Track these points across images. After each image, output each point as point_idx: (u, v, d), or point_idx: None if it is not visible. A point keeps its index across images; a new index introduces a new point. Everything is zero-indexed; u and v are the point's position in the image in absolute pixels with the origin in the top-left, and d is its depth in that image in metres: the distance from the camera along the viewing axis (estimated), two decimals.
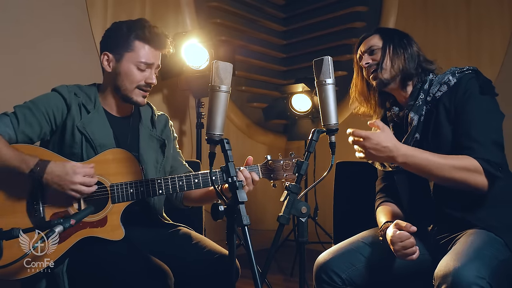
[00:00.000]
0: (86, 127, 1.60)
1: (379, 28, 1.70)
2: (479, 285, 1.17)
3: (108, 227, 1.53)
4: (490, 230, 1.38)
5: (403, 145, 1.43)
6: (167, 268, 1.48)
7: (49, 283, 1.48)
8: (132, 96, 1.65)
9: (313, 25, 4.36)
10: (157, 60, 1.67)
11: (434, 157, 1.40)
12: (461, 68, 1.53)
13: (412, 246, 1.38)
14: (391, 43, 1.60)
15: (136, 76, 1.63)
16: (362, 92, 1.70)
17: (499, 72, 3.16)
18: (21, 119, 1.54)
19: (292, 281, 3.18)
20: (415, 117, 1.54)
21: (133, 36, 1.62)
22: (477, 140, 1.41)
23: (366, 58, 1.63)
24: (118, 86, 1.65)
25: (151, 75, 1.66)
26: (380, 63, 1.59)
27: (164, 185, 1.59)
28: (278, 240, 1.37)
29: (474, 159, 1.38)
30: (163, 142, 1.77)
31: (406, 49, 1.59)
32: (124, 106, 1.72)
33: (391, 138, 1.41)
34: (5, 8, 2.59)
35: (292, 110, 3.63)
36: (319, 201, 3.57)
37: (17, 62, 2.62)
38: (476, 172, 1.38)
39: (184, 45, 3.09)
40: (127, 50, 1.62)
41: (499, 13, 3.22)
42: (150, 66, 1.65)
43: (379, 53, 1.60)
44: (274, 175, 1.66)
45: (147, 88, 1.67)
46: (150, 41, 1.63)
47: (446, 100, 1.49)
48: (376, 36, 1.64)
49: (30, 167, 1.44)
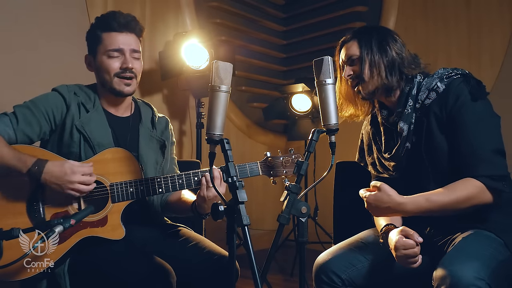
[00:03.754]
0: (85, 126, 1.60)
1: (357, 31, 1.59)
2: (478, 286, 1.16)
3: (108, 226, 1.53)
4: (489, 230, 1.38)
5: (404, 200, 1.39)
6: (169, 267, 1.47)
7: (50, 283, 1.48)
8: (115, 86, 1.64)
9: (313, 25, 4.35)
10: (127, 44, 1.64)
11: (437, 197, 1.38)
12: (449, 71, 1.48)
13: (415, 256, 1.36)
14: (369, 52, 1.51)
15: (110, 65, 1.63)
16: (348, 96, 1.65)
17: (499, 72, 3.15)
18: (21, 119, 1.54)
19: (292, 281, 3.18)
20: (405, 127, 1.50)
21: (99, 30, 1.64)
22: (476, 156, 1.38)
23: (347, 70, 1.57)
24: (102, 82, 1.66)
25: (126, 60, 1.63)
26: (360, 76, 1.53)
27: (164, 184, 1.59)
28: (278, 240, 1.36)
29: (476, 180, 1.36)
30: (163, 143, 1.77)
31: (386, 55, 1.51)
32: (122, 105, 1.72)
33: (389, 197, 1.39)
34: (5, 8, 2.59)
35: (292, 110, 3.63)
36: (319, 201, 3.57)
37: (17, 62, 2.62)
38: (481, 192, 1.36)
39: (184, 45, 3.09)
40: (98, 44, 1.64)
41: (499, 13, 3.22)
42: (120, 51, 1.63)
43: (358, 63, 1.54)
44: (274, 172, 1.67)
45: (126, 74, 1.64)
46: (114, 28, 1.63)
47: (436, 108, 1.46)
48: (355, 43, 1.56)
49: (28, 166, 1.43)
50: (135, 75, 1.66)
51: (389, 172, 1.59)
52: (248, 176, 1.66)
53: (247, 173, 1.66)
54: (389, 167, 1.58)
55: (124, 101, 1.72)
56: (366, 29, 1.61)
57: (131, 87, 1.66)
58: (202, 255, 1.59)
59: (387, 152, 1.58)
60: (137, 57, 1.67)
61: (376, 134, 1.67)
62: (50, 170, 1.44)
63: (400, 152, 1.53)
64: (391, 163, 1.56)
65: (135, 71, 1.65)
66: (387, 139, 1.61)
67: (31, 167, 1.43)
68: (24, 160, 1.44)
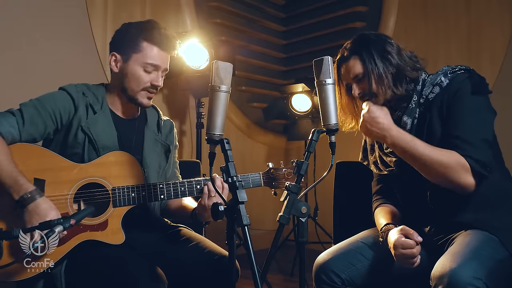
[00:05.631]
0: (91, 128, 1.58)
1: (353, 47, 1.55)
2: (475, 286, 1.17)
3: (108, 230, 1.52)
4: (487, 230, 1.38)
5: (397, 128, 1.44)
6: (161, 272, 1.46)
7: (46, 284, 1.47)
8: (138, 97, 1.64)
9: (313, 25, 4.35)
10: (164, 63, 1.65)
11: (423, 148, 1.40)
12: (453, 67, 1.51)
13: (414, 257, 1.37)
14: (373, 66, 1.49)
15: (142, 77, 1.62)
16: (348, 108, 1.63)
17: (499, 72, 3.16)
18: (27, 119, 1.51)
19: (292, 281, 3.18)
20: (408, 121, 1.52)
21: (141, 37, 1.61)
22: (465, 139, 1.39)
23: (356, 88, 1.55)
24: (124, 87, 1.64)
25: (158, 78, 1.64)
26: (370, 92, 1.51)
27: (166, 190, 1.58)
28: (278, 240, 1.37)
29: (463, 158, 1.37)
30: (167, 148, 1.76)
31: (390, 63, 1.50)
32: (130, 107, 1.71)
33: (389, 118, 1.44)
34: (5, 7, 2.59)
35: (292, 110, 3.63)
36: (319, 201, 3.57)
37: (18, 62, 2.62)
38: (463, 169, 1.36)
39: (184, 45, 3.09)
40: (135, 51, 1.61)
41: (499, 13, 3.22)
42: (157, 68, 1.63)
43: (365, 80, 1.52)
44: (276, 184, 1.67)
45: (153, 90, 1.65)
46: (158, 43, 1.61)
47: (438, 101, 1.48)
48: (356, 61, 1.52)
49: (22, 192, 1.39)
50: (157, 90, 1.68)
51: (389, 168, 1.59)
52: (250, 187, 1.67)
53: (249, 183, 1.67)
54: (390, 163, 1.58)
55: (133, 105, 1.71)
56: (362, 42, 1.55)
57: (151, 101, 1.69)
58: (202, 255, 1.59)
59: (389, 148, 1.59)
60: (164, 75, 1.68)
61: None
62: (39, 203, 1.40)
63: None
64: (393, 158, 1.57)
65: (159, 87, 1.67)
66: None
67: (25, 194, 1.39)
68: (20, 184, 1.40)
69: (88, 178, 1.54)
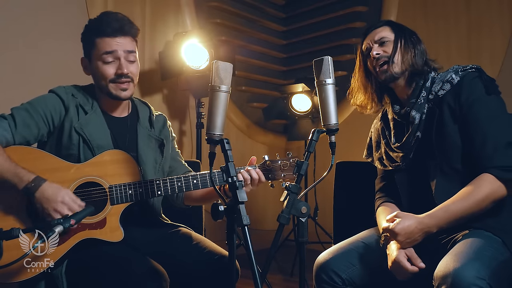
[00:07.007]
0: (84, 128, 1.59)
1: (390, 20, 1.68)
2: (479, 286, 1.16)
3: (107, 228, 1.52)
4: (490, 230, 1.38)
5: (424, 218, 1.41)
6: (162, 270, 1.47)
7: (48, 285, 1.47)
8: (111, 91, 1.62)
9: (313, 25, 4.36)
10: (120, 46, 1.59)
11: (456, 204, 1.39)
12: (464, 66, 1.52)
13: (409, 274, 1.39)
14: (402, 37, 1.58)
15: (105, 70, 1.60)
16: (361, 83, 1.69)
17: (499, 72, 3.16)
18: (19, 122, 1.52)
19: (292, 281, 3.18)
20: (417, 115, 1.53)
21: (93, 36, 1.61)
22: (490, 146, 1.39)
23: (376, 48, 1.60)
24: (99, 86, 1.65)
25: (121, 65, 1.60)
26: (391, 56, 1.57)
27: (163, 186, 1.59)
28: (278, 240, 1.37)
29: (489, 174, 1.37)
30: (161, 142, 1.77)
31: (415, 46, 1.58)
32: (117, 104, 1.70)
33: (409, 222, 1.41)
34: (5, 7, 2.59)
35: (292, 110, 3.63)
36: (319, 201, 3.57)
37: (17, 62, 2.62)
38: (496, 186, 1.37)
39: (184, 45, 3.09)
40: (92, 49, 1.62)
41: (499, 13, 3.22)
42: (114, 54, 1.59)
43: (390, 45, 1.58)
44: (272, 175, 1.66)
45: (124, 80, 1.61)
46: (107, 33, 1.59)
47: (450, 99, 1.49)
48: (387, 28, 1.62)
49: (24, 183, 1.42)
50: (132, 78, 1.63)
51: (395, 163, 1.60)
52: None
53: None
54: (397, 158, 1.59)
55: (121, 102, 1.71)
56: (397, 23, 1.68)
57: (128, 92, 1.64)
58: (202, 255, 1.59)
59: (396, 143, 1.59)
60: (132, 59, 1.63)
61: (386, 128, 1.69)
62: (44, 190, 1.42)
63: (410, 140, 1.54)
64: (400, 154, 1.57)
65: (131, 75, 1.62)
66: (396, 133, 1.63)
67: (28, 184, 1.42)
68: (21, 175, 1.43)
69: (84, 177, 1.54)
